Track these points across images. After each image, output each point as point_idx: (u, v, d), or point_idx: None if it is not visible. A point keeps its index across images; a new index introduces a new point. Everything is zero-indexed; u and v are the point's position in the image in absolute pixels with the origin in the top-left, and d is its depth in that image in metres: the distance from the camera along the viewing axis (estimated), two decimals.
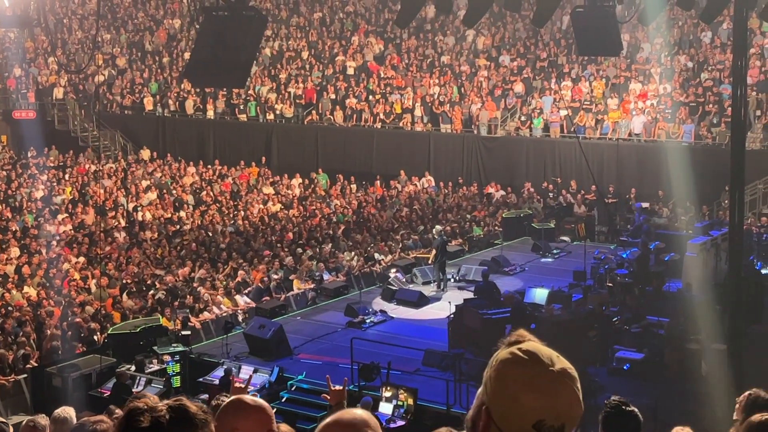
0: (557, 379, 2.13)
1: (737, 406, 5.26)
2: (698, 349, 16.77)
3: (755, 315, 18.68)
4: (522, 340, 2.21)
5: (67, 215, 30.02)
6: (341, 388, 5.10)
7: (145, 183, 34.45)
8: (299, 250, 26.17)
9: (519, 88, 35.22)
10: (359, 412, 2.82)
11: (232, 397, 3.53)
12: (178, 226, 29.12)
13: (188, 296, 21.96)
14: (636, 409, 4.83)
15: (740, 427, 4.90)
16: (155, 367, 17.99)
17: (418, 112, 35.77)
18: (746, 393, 5.27)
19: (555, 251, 27.04)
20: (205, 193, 33.72)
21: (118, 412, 6.28)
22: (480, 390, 2.20)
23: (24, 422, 6.38)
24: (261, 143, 37.89)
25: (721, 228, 22.61)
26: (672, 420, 4.92)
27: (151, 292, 22.39)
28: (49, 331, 19.36)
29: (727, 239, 16.89)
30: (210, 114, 39.35)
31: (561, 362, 2.19)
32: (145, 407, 2.51)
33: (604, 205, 28.80)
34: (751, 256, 22.51)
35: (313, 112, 37.86)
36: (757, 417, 4.40)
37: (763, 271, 22.93)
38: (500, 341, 2.25)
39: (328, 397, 5.13)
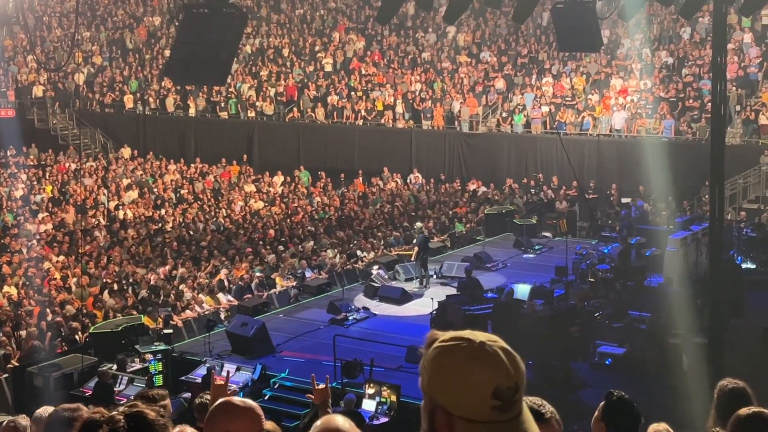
0: (488, 346, 2.17)
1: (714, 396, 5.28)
2: (679, 344, 16.85)
3: (736, 309, 18.80)
4: (437, 337, 2.26)
5: (47, 214, 29.86)
6: (324, 386, 5.10)
7: (126, 181, 34.31)
8: (281, 247, 26.15)
9: (500, 84, 35.29)
10: (341, 422, 2.86)
11: (221, 400, 3.51)
12: (159, 225, 29.03)
13: (171, 294, 21.89)
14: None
15: (716, 416, 4.93)
16: (137, 366, 17.90)
17: (399, 108, 35.78)
18: (722, 383, 5.29)
19: (537, 247, 27.10)
20: (186, 191, 33.61)
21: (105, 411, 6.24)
22: (424, 400, 2.23)
23: (5, 422, 6.34)
24: (242, 141, 37.81)
25: (702, 223, 22.71)
26: (654, 414, 4.92)
27: (132, 289, 22.30)
28: (30, 331, 19.24)
29: (708, 234, 16.96)
30: (191, 112, 39.23)
31: (483, 334, 2.25)
32: (102, 418, 2.48)
33: (586, 201, 28.88)
34: (732, 251, 22.63)
35: (295, 109, 37.80)
36: (744, 411, 4.42)
37: (744, 266, 23.09)
38: (419, 351, 2.28)
39: (312, 397, 5.12)
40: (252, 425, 3.37)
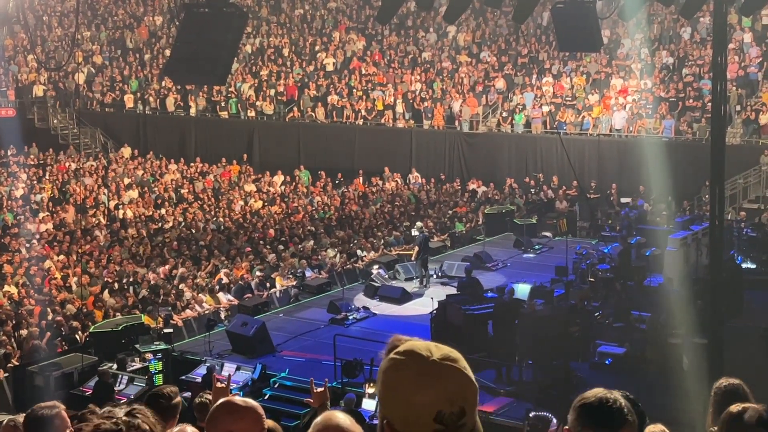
0: (441, 367, 2.14)
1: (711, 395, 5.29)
2: (679, 344, 16.86)
3: (735, 309, 18.81)
4: (398, 344, 2.23)
5: (47, 213, 29.86)
6: (323, 389, 5.10)
7: (126, 181, 34.32)
8: (281, 247, 26.15)
9: (500, 84, 35.29)
10: (342, 418, 2.85)
11: (223, 400, 3.52)
12: (159, 224, 29.04)
13: (171, 294, 21.90)
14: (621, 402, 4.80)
15: (713, 415, 4.93)
16: (137, 365, 17.93)
17: (399, 108, 35.78)
18: (719, 382, 5.29)
19: (537, 247, 27.11)
20: (186, 190, 33.61)
21: (98, 411, 6.24)
22: (378, 407, 2.22)
23: (5, 421, 6.34)
24: (243, 140, 37.82)
25: (702, 223, 22.71)
26: (654, 414, 4.91)
27: (132, 289, 22.31)
28: (30, 330, 19.25)
29: (708, 234, 16.96)
30: (191, 111, 39.24)
31: (440, 350, 2.20)
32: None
33: (586, 201, 28.89)
34: (732, 251, 22.64)
35: (295, 109, 37.81)
36: (734, 407, 4.42)
37: (744, 266, 23.10)
38: (381, 353, 2.27)
39: (311, 401, 5.12)
40: (254, 425, 3.38)
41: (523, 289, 20.47)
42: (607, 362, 17.21)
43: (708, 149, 16.31)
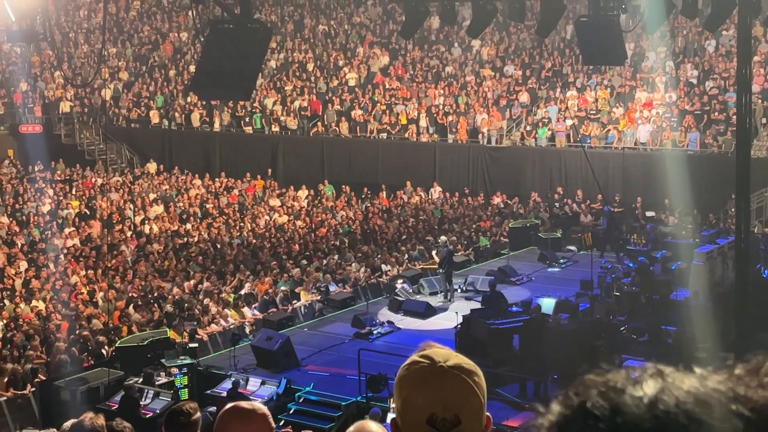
0: (446, 373, 2.16)
1: None
2: (705, 358, 16.74)
3: (761, 323, 18.65)
4: (426, 348, 2.27)
5: (74, 229, 30.06)
6: None
7: (151, 196, 34.52)
8: (305, 261, 26.20)
9: (524, 97, 35.27)
10: (375, 428, 2.88)
11: (233, 404, 3.55)
12: (184, 239, 29.17)
13: (196, 308, 21.98)
14: None
15: None
16: (163, 379, 17.98)
17: (423, 122, 35.83)
18: None
19: (561, 261, 27.03)
20: (211, 205, 33.76)
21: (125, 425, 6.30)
22: None
23: None
24: (267, 155, 37.96)
25: (728, 236, 22.58)
26: None
27: (157, 303, 22.41)
28: (57, 345, 19.38)
29: (734, 247, 16.87)
30: (216, 126, 39.46)
31: (458, 359, 2.22)
32: None
33: (611, 215, 28.78)
34: (758, 264, 22.48)
35: (319, 123, 37.93)
36: None
37: None
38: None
39: None
40: (263, 428, 3.41)
41: (548, 304, 20.41)
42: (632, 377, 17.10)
43: (733, 162, 16.25)
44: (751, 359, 1.16)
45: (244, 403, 3.56)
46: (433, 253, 25.84)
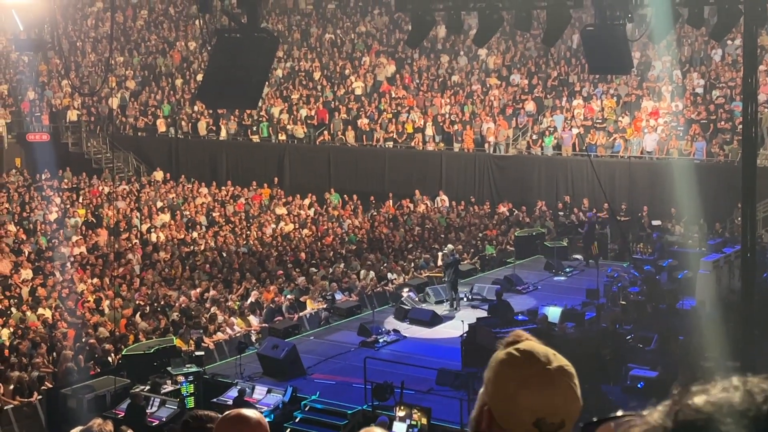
0: (554, 376, 2.17)
1: None
2: (712, 367, 16.71)
3: None
4: (519, 340, 2.26)
5: (80, 237, 30.13)
6: None
7: (158, 204, 34.59)
8: (312, 270, 26.22)
9: (530, 106, 35.29)
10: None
11: (229, 412, 3.55)
12: (191, 247, 29.21)
13: (202, 317, 22.01)
14: None
15: None
16: (169, 387, 17.99)
17: (429, 131, 35.85)
18: None
19: (568, 269, 27.02)
20: (218, 213, 33.82)
21: None
22: (481, 390, 2.25)
23: None
24: (273, 164, 38.02)
25: (734, 245, 22.55)
26: None
27: (164, 312, 22.45)
28: (64, 353, 19.42)
29: (740, 256, 16.86)
30: (222, 135, 39.54)
31: (558, 360, 2.22)
32: None
33: (617, 223, 28.76)
34: (765, 273, 22.43)
35: (325, 132, 37.99)
36: None
37: None
38: (499, 343, 2.29)
39: None
40: None
41: (554, 312, 20.42)
42: (639, 386, 17.10)
43: (740, 171, 16.26)
44: None
45: (245, 411, 3.58)
46: (439, 254, 25.90)
